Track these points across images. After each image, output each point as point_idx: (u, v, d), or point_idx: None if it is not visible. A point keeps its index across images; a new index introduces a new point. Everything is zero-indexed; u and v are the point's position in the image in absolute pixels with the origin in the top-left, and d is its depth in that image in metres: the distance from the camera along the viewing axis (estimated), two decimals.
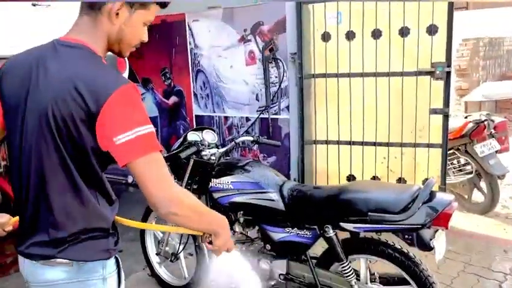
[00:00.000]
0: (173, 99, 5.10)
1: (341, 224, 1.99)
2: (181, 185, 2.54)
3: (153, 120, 5.31)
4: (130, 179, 5.63)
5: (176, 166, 2.63)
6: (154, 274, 3.00)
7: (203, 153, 2.47)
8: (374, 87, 3.87)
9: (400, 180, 3.94)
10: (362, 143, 4.02)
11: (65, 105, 1.12)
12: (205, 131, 2.65)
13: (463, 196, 4.29)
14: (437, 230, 1.91)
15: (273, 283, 2.32)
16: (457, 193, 4.33)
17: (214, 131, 2.69)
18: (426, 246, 1.88)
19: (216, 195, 2.41)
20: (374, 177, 4.04)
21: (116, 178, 5.78)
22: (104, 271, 1.24)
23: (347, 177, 4.14)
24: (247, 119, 4.53)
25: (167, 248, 2.77)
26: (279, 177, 2.35)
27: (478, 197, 4.26)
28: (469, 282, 2.92)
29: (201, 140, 2.46)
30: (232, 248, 1.43)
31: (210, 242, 1.35)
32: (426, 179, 3.88)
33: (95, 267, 1.22)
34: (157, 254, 2.89)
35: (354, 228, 1.97)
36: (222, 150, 2.55)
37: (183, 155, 2.35)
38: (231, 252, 1.44)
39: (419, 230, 1.84)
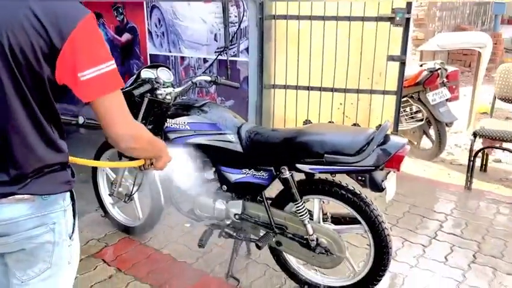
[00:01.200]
0: (126, 36, 4.82)
1: (297, 165, 2.00)
2: None
3: None
4: (80, 120, 5.42)
5: (130, 105, 2.50)
6: (107, 215, 2.96)
7: (158, 92, 2.37)
8: (335, 31, 3.82)
9: (355, 125, 4.02)
10: (320, 89, 4.03)
11: (22, 33, 1.02)
12: (160, 68, 2.52)
13: (413, 142, 4.46)
14: (388, 172, 1.98)
15: (228, 222, 2.34)
16: (408, 139, 4.49)
17: (169, 69, 2.57)
18: (378, 188, 1.94)
19: (171, 135, 2.34)
20: (330, 123, 4.10)
21: (66, 119, 5.54)
22: (64, 203, 1.23)
23: (304, 122, 4.18)
24: (205, 60, 4.38)
25: (120, 189, 2.71)
26: (237, 119, 2.31)
27: (426, 143, 4.45)
28: (413, 222, 3.10)
29: (155, 78, 2.34)
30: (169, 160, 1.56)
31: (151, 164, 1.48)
32: (380, 125, 3.99)
33: (57, 200, 1.21)
34: (109, 195, 2.83)
35: (309, 169, 1.99)
36: (178, 89, 2.45)
37: (136, 92, 2.24)
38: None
39: (372, 171, 1.89)
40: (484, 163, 4.06)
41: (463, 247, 2.78)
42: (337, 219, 2.23)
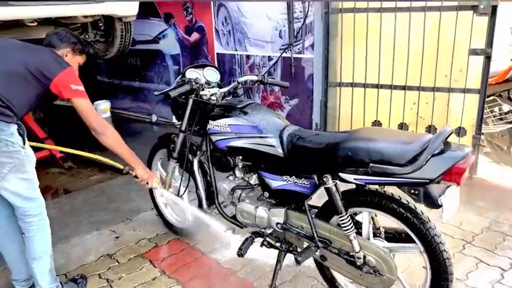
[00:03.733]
0: (194, 35, 4.87)
1: (341, 174, 1.80)
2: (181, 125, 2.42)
3: (176, 58, 5.16)
4: (153, 118, 5.62)
5: (176, 106, 2.49)
6: (160, 214, 2.97)
7: (202, 92, 2.30)
8: (407, 24, 3.47)
9: (430, 128, 3.63)
10: (391, 87, 3.70)
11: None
12: (207, 68, 2.45)
13: (501, 147, 3.92)
14: (448, 187, 1.69)
15: (270, 231, 2.20)
16: (495, 144, 3.96)
17: (216, 68, 2.49)
18: (433, 204, 1.66)
19: (214, 138, 2.26)
20: (402, 124, 3.75)
21: (141, 117, 5.79)
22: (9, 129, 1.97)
23: (373, 123, 3.88)
24: (270, 58, 4.26)
25: (170, 190, 2.70)
26: (281, 121, 2.15)
27: None
28: (493, 240, 2.69)
29: (195, 78, 2.27)
30: (152, 183, 2.42)
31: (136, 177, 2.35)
32: (460, 128, 3.57)
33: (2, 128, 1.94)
34: (161, 196, 2.84)
35: (354, 179, 1.76)
36: (223, 90, 2.36)
37: (173, 93, 2.18)
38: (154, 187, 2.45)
39: (426, 185, 1.62)
40: None
41: None
42: (391, 236, 1.98)
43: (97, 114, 2.17)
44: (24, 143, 2.03)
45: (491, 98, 3.69)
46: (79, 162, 4.22)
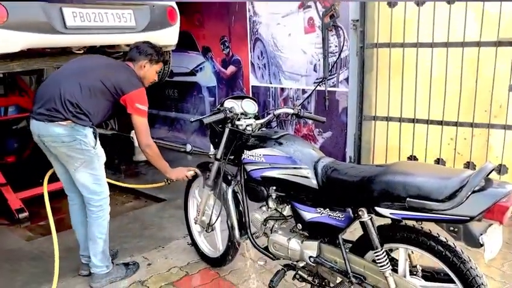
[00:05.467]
0: (231, 68, 5.01)
1: (377, 208, 1.76)
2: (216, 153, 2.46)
3: (212, 90, 5.29)
4: (188, 148, 5.73)
5: (214, 134, 2.54)
6: (193, 243, 2.98)
7: (238, 122, 2.34)
8: (445, 58, 3.46)
9: (469, 164, 3.54)
10: (427, 121, 3.66)
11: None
12: (245, 100, 2.51)
13: None
14: (490, 225, 1.62)
15: (302, 265, 2.17)
16: None
17: (255, 100, 2.54)
18: (474, 242, 1.60)
19: (248, 167, 2.28)
20: (438, 160, 3.68)
21: (176, 146, 5.91)
22: (84, 130, 2.40)
23: (408, 157, 3.81)
24: (304, 91, 4.31)
25: (203, 218, 2.72)
26: (315, 153, 2.15)
27: None
28: None
29: (231, 107, 2.32)
30: (185, 174, 2.68)
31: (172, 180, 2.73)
32: (501, 165, 3.45)
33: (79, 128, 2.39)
34: (194, 223, 2.85)
35: (390, 214, 1.73)
36: (259, 121, 2.40)
37: (207, 120, 2.23)
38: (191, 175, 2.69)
39: (466, 222, 1.57)
40: None
41: None
42: (429, 275, 1.90)
43: (148, 133, 2.56)
44: (95, 144, 2.44)
45: None
46: (115, 189, 4.32)
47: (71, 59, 2.80)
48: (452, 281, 1.75)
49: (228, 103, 2.43)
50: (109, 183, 2.63)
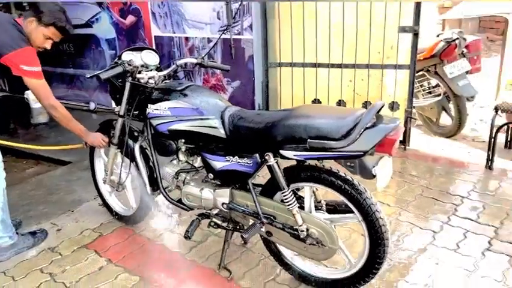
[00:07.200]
0: (130, 18, 4.71)
1: (281, 151, 1.85)
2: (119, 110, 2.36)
3: (111, 43, 4.96)
4: (92, 106, 5.41)
5: (115, 90, 2.42)
6: (105, 203, 2.90)
7: (139, 75, 2.25)
8: (341, 4, 3.57)
9: (366, 103, 3.79)
10: (328, 65, 3.81)
11: None
12: (145, 51, 2.39)
13: (431, 119, 4.19)
14: (381, 157, 1.79)
15: (216, 212, 2.23)
16: (426, 116, 4.23)
17: (156, 52, 2.44)
18: (368, 174, 1.75)
19: (154, 122, 2.22)
20: (340, 101, 3.89)
21: (79, 105, 5.55)
22: None
23: (312, 101, 3.98)
24: (209, 40, 4.23)
25: (112, 177, 2.64)
26: (222, 102, 2.15)
27: (446, 120, 4.16)
28: (425, 206, 2.89)
29: (130, 60, 2.21)
30: (101, 143, 2.53)
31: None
32: (393, 102, 3.76)
33: None
34: (104, 183, 2.76)
35: (294, 156, 1.82)
36: (161, 73, 2.32)
37: (104, 75, 2.11)
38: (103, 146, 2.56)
39: (360, 157, 1.71)
40: (509, 139, 3.76)
41: (478, 233, 2.57)
42: (332, 208, 2.07)
43: (48, 94, 2.32)
44: None
45: (420, 73, 3.91)
46: (13, 154, 4.00)
47: None
48: (352, 211, 1.92)
49: (126, 55, 2.31)
50: (13, 149, 2.40)
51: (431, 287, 2.14)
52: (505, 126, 3.55)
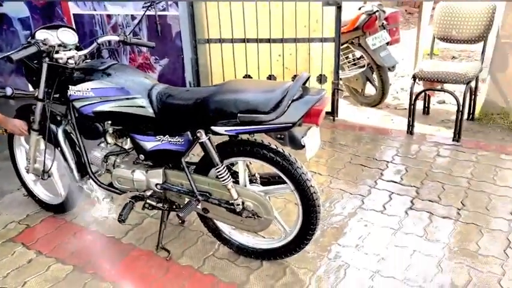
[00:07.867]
0: None
1: (213, 127, 1.84)
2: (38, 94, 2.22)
3: (25, 22, 4.60)
4: (8, 91, 5.00)
5: (31, 72, 2.26)
6: (30, 193, 2.74)
7: (57, 55, 2.11)
8: None
9: (295, 77, 3.86)
10: (257, 40, 3.82)
11: None
12: (61, 29, 2.24)
13: (357, 90, 4.37)
14: (309, 128, 1.84)
15: (150, 193, 2.19)
16: (352, 87, 4.40)
17: (73, 30, 2.29)
18: (297, 145, 1.80)
19: (77, 104, 2.11)
20: (270, 76, 3.93)
21: None
22: None
23: (244, 77, 3.99)
24: (133, 17, 4.05)
25: (36, 165, 2.49)
26: (148, 81, 2.09)
27: (371, 90, 4.36)
28: (354, 172, 3.04)
29: (44, 39, 2.07)
30: (22, 130, 2.40)
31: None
32: (321, 75, 3.86)
33: None
34: (27, 172, 2.60)
35: (225, 131, 1.83)
36: (82, 52, 2.19)
37: (16, 56, 1.96)
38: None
39: (289, 128, 1.75)
40: (427, 106, 4.03)
41: (402, 194, 2.76)
42: (265, 180, 2.11)
43: None
44: None
45: (345, 45, 4.04)
46: None
47: None
48: (285, 182, 1.98)
49: (40, 34, 2.15)
50: None
51: (362, 247, 2.28)
52: (423, 94, 3.79)
